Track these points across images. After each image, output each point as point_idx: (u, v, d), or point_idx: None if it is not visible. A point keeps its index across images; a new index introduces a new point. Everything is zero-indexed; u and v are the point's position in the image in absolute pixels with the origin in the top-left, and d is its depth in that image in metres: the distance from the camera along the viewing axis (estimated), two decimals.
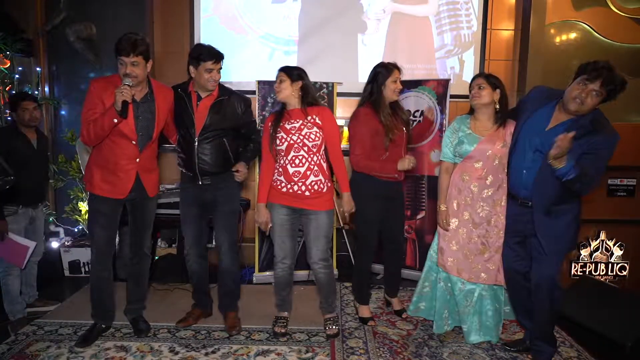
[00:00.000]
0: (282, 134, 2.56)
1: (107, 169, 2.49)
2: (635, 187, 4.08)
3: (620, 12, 3.98)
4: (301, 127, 2.55)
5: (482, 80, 2.48)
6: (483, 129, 2.51)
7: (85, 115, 2.40)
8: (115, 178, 2.50)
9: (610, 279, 4.00)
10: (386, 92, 2.70)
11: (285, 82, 2.55)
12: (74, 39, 4.06)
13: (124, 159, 2.49)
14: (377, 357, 2.54)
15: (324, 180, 2.61)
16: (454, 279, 2.60)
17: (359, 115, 2.73)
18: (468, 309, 2.60)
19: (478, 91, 2.47)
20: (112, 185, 2.50)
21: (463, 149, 2.51)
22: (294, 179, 2.56)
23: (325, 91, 3.77)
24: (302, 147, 2.55)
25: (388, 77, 2.68)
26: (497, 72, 4.31)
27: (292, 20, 4.24)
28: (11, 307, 2.97)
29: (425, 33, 4.26)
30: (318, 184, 2.58)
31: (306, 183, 2.56)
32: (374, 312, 3.11)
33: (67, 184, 4.14)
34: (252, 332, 2.79)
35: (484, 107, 2.50)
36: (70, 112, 4.32)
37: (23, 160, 2.92)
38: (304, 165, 2.56)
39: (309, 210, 2.61)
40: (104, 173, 2.49)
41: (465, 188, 2.53)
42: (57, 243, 3.99)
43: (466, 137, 2.51)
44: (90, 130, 2.37)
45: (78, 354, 2.53)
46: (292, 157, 2.55)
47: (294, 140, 2.54)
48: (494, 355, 2.57)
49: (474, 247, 2.54)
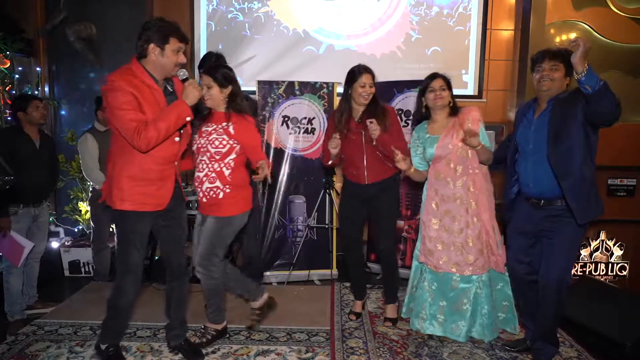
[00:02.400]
0: (196, 135, 2.48)
1: (144, 178, 2.14)
2: (635, 187, 4.08)
3: (620, 12, 3.98)
4: (211, 132, 2.44)
5: (443, 82, 2.56)
6: (440, 128, 2.58)
7: (132, 116, 2.00)
8: (154, 188, 2.17)
9: (610, 279, 4.01)
10: (354, 94, 2.70)
11: (213, 89, 2.41)
12: (74, 39, 4.07)
13: (165, 164, 2.19)
14: (377, 357, 2.54)
15: (222, 186, 2.45)
16: (445, 278, 2.58)
17: (330, 114, 2.86)
18: (465, 308, 2.59)
19: (440, 92, 2.54)
20: (151, 197, 2.17)
21: (428, 154, 2.59)
22: (195, 183, 2.51)
23: (326, 91, 3.77)
24: (205, 153, 2.44)
25: (356, 81, 2.68)
26: (497, 72, 4.39)
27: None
28: (11, 307, 2.96)
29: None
30: (214, 190, 2.45)
31: (202, 189, 2.47)
32: (373, 312, 3.11)
33: (67, 184, 4.15)
34: (252, 332, 2.79)
35: (444, 107, 2.57)
36: (70, 112, 4.33)
37: (25, 160, 2.92)
38: (203, 171, 2.46)
39: (204, 215, 2.55)
40: (140, 184, 2.14)
41: (441, 186, 2.57)
42: (57, 243, 4.00)
43: (426, 141, 2.61)
44: (161, 130, 2.02)
45: (78, 354, 2.53)
46: (198, 160, 2.48)
47: (201, 143, 2.46)
48: (494, 355, 2.57)
49: (459, 240, 2.53)
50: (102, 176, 3.38)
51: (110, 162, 2.19)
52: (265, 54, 4.31)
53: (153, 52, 2.07)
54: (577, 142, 2.21)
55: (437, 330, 2.63)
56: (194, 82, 2.14)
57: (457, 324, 2.62)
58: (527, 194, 2.43)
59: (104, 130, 3.44)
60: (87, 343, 2.64)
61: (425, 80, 2.61)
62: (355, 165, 2.76)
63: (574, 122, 2.21)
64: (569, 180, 2.23)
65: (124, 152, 2.11)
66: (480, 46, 4.30)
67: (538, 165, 2.32)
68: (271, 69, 4.27)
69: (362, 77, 2.66)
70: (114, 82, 2.01)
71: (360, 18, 4.32)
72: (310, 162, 3.78)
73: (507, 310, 2.68)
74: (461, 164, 2.52)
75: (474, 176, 2.52)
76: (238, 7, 4.29)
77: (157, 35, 2.06)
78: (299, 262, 3.76)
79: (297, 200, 3.76)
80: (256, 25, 4.31)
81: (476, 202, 2.51)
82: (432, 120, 2.64)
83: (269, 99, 3.69)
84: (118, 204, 2.12)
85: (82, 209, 4.11)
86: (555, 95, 2.31)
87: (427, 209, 2.63)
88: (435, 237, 2.58)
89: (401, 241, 3.83)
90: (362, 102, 2.71)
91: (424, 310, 2.64)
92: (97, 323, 2.86)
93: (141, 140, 2.00)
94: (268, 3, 4.29)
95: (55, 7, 4.08)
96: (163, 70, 2.13)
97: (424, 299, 2.64)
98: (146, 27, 2.08)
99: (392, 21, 4.32)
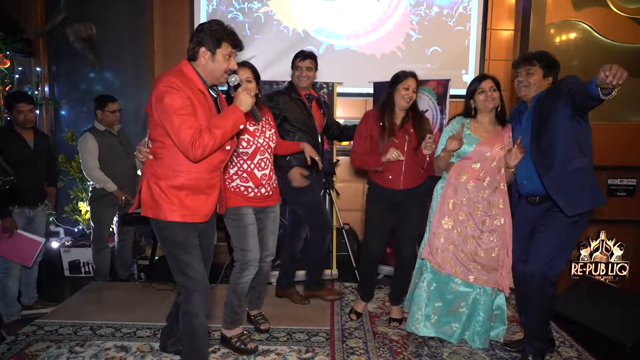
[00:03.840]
0: (247, 135, 2.46)
1: (195, 187, 2.01)
2: (635, 187, 4.08)
3: (620, 12, 3.98)
4: (263, 130, 2.54)
5: (493, 83, 2.50)
6: (483, 131, 2.53)
7: (191, 122, 1.87)
8: (203, 197, 2.04)
9: (610, 279, 4.00)
10: (396, 96, 2.73)
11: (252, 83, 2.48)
12: (74, 39, 4.07)
13: (212, 171, 2.06)
14: (377, 357, 2.54)
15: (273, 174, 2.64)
16: (446, 279, 2.57)
17: (365, 115, 2.86)
18: (462, 311, 2.59)
19: (491, 94, 2.47)
20: (196, 206, 2.02)
21: (462, 149, 2.51)
22: (262, 182, 2.52)
23: (326, 91, 3.77)
24: (267, 150, 2.52)
25: (400, 83, 2.72)
26: (497, 72, 4.35)
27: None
28: (7, 310, 2.93)
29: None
30: (274, 179, 2.63)
31: (270, 183, 2.58)
32: (373, 311, 3.11)
33: (67, 184, 4.15)
34: (252, 332, 2.79)
35: (491, 110, 2.52)
36: (70, 112, 4.33)
37: (19, 161, 2.85)
38: (268, 167, 2.55)
39: (269, 206, 2.62)
40: (193, 194, 2.01)
41: (461, 188, 2.53)
42: (57, 243, 4.00)
43: (465, 137, 2.52)
44: (217, 138, 1.89)
45: (78, 354, 2.52)
46: (258, 160, 2.50)
47: (260, 143, 2.50)
48: (494, 355, 2.57)
49: (470, 248, 2.53)
50: (103, 175, 3.38)
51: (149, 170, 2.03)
52: (265, 54, 4.31)
53: (204, 55, 1.98)
54: (561, 134, 2.23)
55: (430, 331, 2.62)
56: (247, 88, 2.05)
57: (450, 326, 2.62)
58: (523, 192, 2.47)
59: (104, 129, 3.44)
60: (87, 343, 2.64)
61: (474, 82, 2.55)
62: (393, 170, 2.73)
63: (555, 116, 2.24)
64: (550, 175, 2.26)
65: (168, 159, 1.97)
66: (480, 46, 4.30)
67: (529, 163, 2.37)
68: (271, 69, 4.27)
69: (408, 80, 2.70)
70: (172, 84, 1.88)
71: (360, 18, 4.32)
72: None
73: (496, 320, 2.67)
74: (491, 176, 2.49)
75: (504, 193, 2.51)
76: (238, 7, 4.29)
77: (210, 38, 1.97)
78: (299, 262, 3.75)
79: None
80: (256, 25, 4.31)
81: (505, 220, 2.49)
82: (476, 121, 2.57)
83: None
84: (161, 215, 1.96)
85: (82, 209, 4.11)
86: (537, 95, 2.37)
87: (441, 207, 2.58)
88: (447, 237, 2.56)
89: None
90: (404, 106, 2.72)
91: (419, 311, 2.62)
92: (97, 323, 2.87)
93: (196, 149, 1.86)
94: (268, 3, 4.29)
95: (55, 7, 4.09)
96: (211, 76, 2.03)
97: (421, 300, 2.62)
98: (200, 29, 2.00)
99: (392, 21, 4.32)
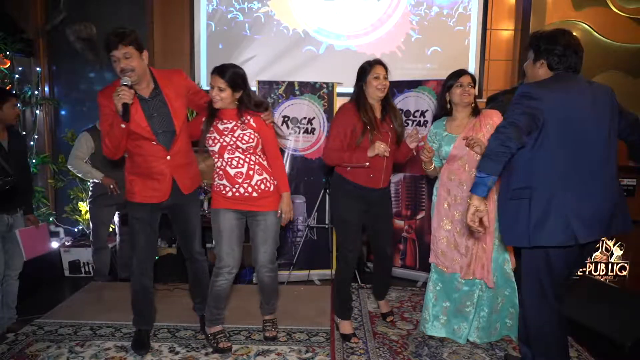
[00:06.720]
0: (214, 134, 2.43)
1: (144, 174, 2.41)
2: (635, 187, 4.07)
3: (620, 12, 3.98)
4: (234, 129, 2.41)
5: (470, 79, 2.50)
6: (459, 127, 2.54)
7: (103, 130, 2.33)
8: (154, 182, 2.41)
9: (610, 279, 4.00)
10: (368, 89, 2.57)
11: (225, 92, 2.35)
12: (74, 39, 4.07)
13: (154, 161, 2.38)
14: (377, 357, 2.54)
15: (269, 178, 2.48)
16: (451, 278, 2.59)
17: (340, 110, 2.64)
18: (468, 310, 2.60)
19: (469, 89, 2.48)
20: (152, 189, 2.41)
21: (443, 151, 2.55)
22: (237, 180, 2.43)
23: (325, 91, 3.78)
24: (237, 149, 2.42)
25: (369, 74, 2.55)
26: (497, 72, 4.39)
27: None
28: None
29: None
30: (264, 182, 2.46)
31: (251, 183, 2.44)
32: (373, 312, 3.11)
33: (67, 184, 4.15)
34: (252, 332, 2.79)
35: (468, 105, 2.53)
36: (70, 112, 4.33)
37: None
38: (244, 166, 2.43)
39: (258, 212, 2.49)
40: (143, 180, 2.41)
41: (453, 187, 2.55)
42: (57, 243, 4.00)
43: (443, 139, 2.56)
44: (107, 142, 2.29)
45: (78, 354, 2.52)
46: (227, 158, 2.43)
47: (226, 141, 2.41)
48: (494, 355, 2.57)
49: (469, 244, 2.53)
50: (87, 166, 3.38)
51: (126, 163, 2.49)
52: (265, 54, 4.31)
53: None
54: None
55: (440, 332, 2.65)
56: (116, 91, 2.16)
57: (459, 326, 2.63)
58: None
59: None
60: (87, 343, 2.64)
61: (452, 76, 2.52)
62: (375, 168, 2.57)
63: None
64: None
65: (129, 154, 2.43)
66: (480, 46, 4.31)
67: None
68: (271, 69, 4.27)
69: (375, 69, 2.54)
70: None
71: (360, 18, 4.32)
72: (310, 162, 3.78)
73: (513, 317, 2.64)
74: (475, 167, 2.49)
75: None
76: (238, 7, 4.29)
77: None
78: (298, 262, 3.76)
79: (297, 200, 3.76)
80: (256, 25, 4.31)
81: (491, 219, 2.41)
82: (452, 118, 2.57)
83: (269, 99, 3.69)
84: (130, 197, 2.46)
85: (82, 209, 4.11)
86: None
87: (438, 209, 2.61)
88: (447, 238, 2.58)
89: (401, 241, 3.84)
90: (379, 96, 2.56)
91: (427, 311, 2.67)
92: (97, 323, 2.87)
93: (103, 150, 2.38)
94: (268, 3, 4.29)
95: (55, 7, 4.09)
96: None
97: (428, 300, 2.68)
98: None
99: (392, 21, 4.32)
